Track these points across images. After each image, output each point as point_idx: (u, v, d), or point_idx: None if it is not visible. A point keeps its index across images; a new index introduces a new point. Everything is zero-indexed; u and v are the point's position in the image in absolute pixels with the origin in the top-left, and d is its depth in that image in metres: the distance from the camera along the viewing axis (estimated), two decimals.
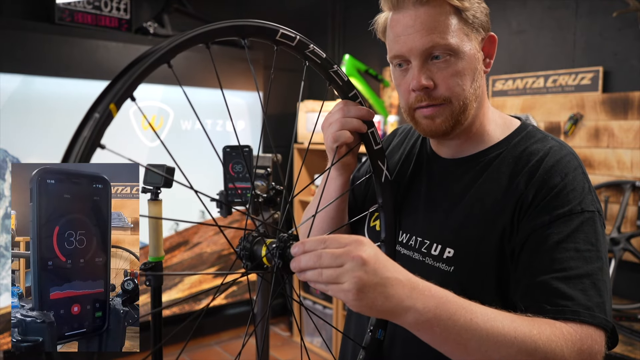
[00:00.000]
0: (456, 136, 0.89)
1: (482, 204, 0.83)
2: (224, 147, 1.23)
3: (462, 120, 0.85)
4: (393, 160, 1.02)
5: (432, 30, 0.79)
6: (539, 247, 0.76)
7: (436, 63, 0.81)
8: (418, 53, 0.81)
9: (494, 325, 0.66)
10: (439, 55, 0.80)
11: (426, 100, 0.82)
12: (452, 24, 0.80)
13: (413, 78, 0.82)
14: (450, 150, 0.92)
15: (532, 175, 0.80)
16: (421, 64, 0.81)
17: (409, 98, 0.85)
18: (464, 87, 0.82)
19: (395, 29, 0.83)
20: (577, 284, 0.73)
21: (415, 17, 0.80)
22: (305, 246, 0.65)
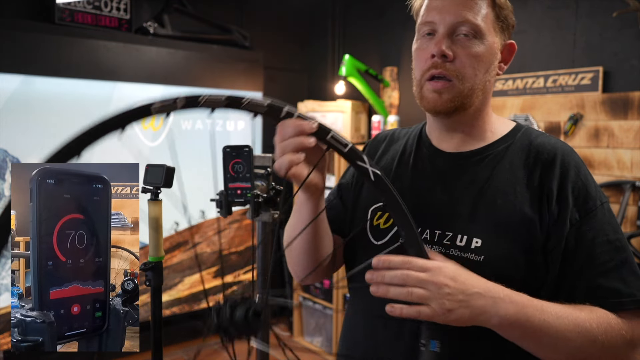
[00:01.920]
0: (460, 130, 0.92)
1: (505, 195, 0.86)
2: (224, 147, 1.23)
3: (466, 105, 0.88)
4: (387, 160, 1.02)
5: (467, 8, 0.85)
6: (576, 246, 0.82)
7: (460, 39, 0.85)
8: (448, 23, 0.85)
9: (562, 322, 0.75)
10: (465, 32, 0.85)
11: (441, 68, 0.85)
12: (486, 11, 0.86)
13: (436, 44, 0.86)
14: (453, 145, 0.94)
15: (549, 169, 0.85)
16: (447, 34, 0.85)
17: (424, 65, 0.88)
18: (477, 72, 0.87)
19: (435, 0, 0.88)
20: (616, 275, 0.80)
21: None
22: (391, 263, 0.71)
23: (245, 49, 3.49)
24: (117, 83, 2.94)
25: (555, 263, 0.82)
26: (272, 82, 3.78)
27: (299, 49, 4.02)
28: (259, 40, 3.64)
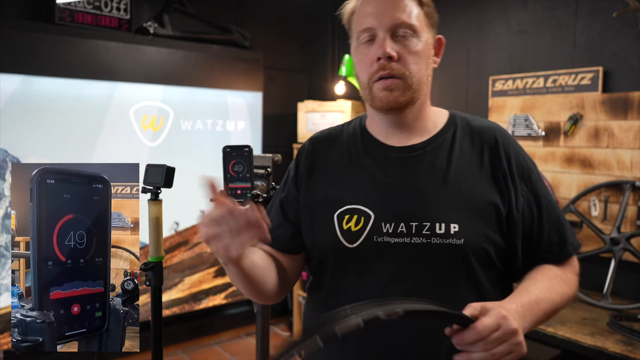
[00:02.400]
0: (407, 124, 0.98)
1: (466, 178, 0.94)
2: (224, 147, 1.23)
3: (414, 99, 0.95)
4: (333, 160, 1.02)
5: (400, 10, 0.92)
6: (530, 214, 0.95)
7: (400, 40, 0.92)
8: (386, 27, 0.91)
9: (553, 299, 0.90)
10: (404, 33, 0.92)
11: (388, 69, 0.91)
12: (417, 11, 0.94)
13: (380, 47, 0.91)
14: (403, 139, 0.99)
15: (495, 151, 0.96)
16: (388, 37, 0.91)
17: (371, 69, 0.93)
18: (420, 67, 0.93)
19: (367, 7, 0.94)
20: (562, 229, 0.98)
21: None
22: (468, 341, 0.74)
23: (245, 49, 3.49)
24: (117, 83, 2.94)
25: (518, 232, 0.94)
26: (272, 82, 3.78)
27: (299, 49, 4.02)
28: (259, 40, 3.64)
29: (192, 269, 3.35)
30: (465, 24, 2.91)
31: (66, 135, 2.79)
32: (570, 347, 1.84)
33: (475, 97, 2.87)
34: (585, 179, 2.37)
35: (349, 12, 0.99)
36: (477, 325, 0.73)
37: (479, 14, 2.85)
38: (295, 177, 1.06)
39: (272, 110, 3.80)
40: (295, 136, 3.59)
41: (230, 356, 3.43)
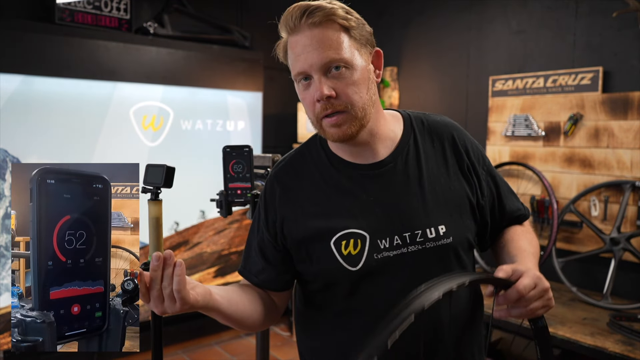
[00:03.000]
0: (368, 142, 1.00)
1: (437, 180, 1.00)
2: (224, 147, 1.23)
3: (364, 124, 0.95)
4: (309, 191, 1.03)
5: (327, 47, 0.90)
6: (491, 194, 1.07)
7: (335, 75, 0.92)
8: (318, 68, 0.91)
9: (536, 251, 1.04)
10: (337, 67, 0.91)
11: (330, 108, 0.92)
12: (344, 41, 0.92)
13: (316, 90, 0.92)
14: (369, 156, 1.01)
15: (454, 146, 1.04)
16: (322, 77, 0.92)
17: (314, 109, 0.94)
18: (360, 95, 0.93)
19: (295, 49, 0.94)
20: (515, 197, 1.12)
21: (311, 37, 0.91)
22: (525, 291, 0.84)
23: (245, 49, 3.49)
24: (117, 83, 2.94)
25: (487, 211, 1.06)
26: (272, 82, 3.78)
27: None
28: (259, 40, 3.64)
29: (192, 269, 3.35)
30: (465, 24, 2.91)
31: (66, 135, 2.79)
32: (570, 347, 1.84)
33: (475, 97, 2.87)
34: (585, 179, 2.37)
35: (283, 51, 0.99)
36: (518, 285, 0.82)
37: (479, 14, 2.85)
38: (267, 221, 1.05)
39: (272, 110, 3.79)
40: (295, 136, 3.59)
41: (230, 356, 3.43)
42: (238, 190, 1.23)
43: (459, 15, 2.94)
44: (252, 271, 1.10)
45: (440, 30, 3.06)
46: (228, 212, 1.25)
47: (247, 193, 1.22)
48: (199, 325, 3.55)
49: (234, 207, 1.26)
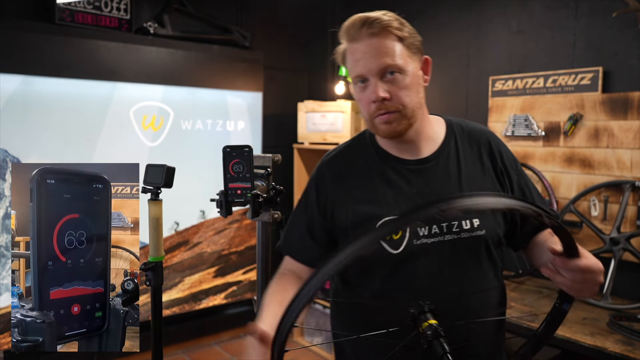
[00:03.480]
0: (413, 140, 1.11)
1: (474, 180, 1.11)
2: (224, 147, 1.22)
3: (412, 123, 1.08)
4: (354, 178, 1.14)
5: (384, 54, 1.03)
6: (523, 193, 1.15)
7: (389, 79, 1.04)
8: (375, 72, 1.03)
9: None
10: (391, 72, 1.03)
11: (384, 109, 1.04)
12: (398, 49, 1.04)
13: (373, 92, 1.04)
14: (414, 152, 1.13)
15: (490, 152, 1.15)
16: (378, 81, 1.03)
17: (369, 109, 1.06)
18: (411, 98, 1.05)
19: (355, 55, 1.06)
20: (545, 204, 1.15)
21: (370, 45, 1.04)
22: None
23: (245, 49, 3.50)
24: (117, 83, 2.94)
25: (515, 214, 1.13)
26: (272, 82, 3.78)
27: (299, 49, 4.02)
28: (259, 40, 3.64)
29: (192, 269, 3.35)
30: (465, 24, 2.91)
31: (66, 135, 2.79)
32: (570, 347, 1.84)
33: (475, 97, 2.87)
34: (585, 179, 2.37)
35: (341, 55, 1.11)
36: (581, 261, 0.89)
37: (479, 14, 2.85)
38: (318, 203, 1.16)
39: (272, 110, 3.79)
40: (295, 136, 3.59)
41: (230, 356, 3.43)
42: (238, 190, 1.23)
43: (459, 15, 2.94)
44: (296, 248, 1.19)
45: (440, 30, 3.06)
46: (228, 212, 1.25)
47: (247, 193, 1.22)
48: (199, 325, 3.55)
49: (234, 207, 1.26)
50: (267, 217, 1.37)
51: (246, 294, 3.62)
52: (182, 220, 3.30)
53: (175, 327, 3.39)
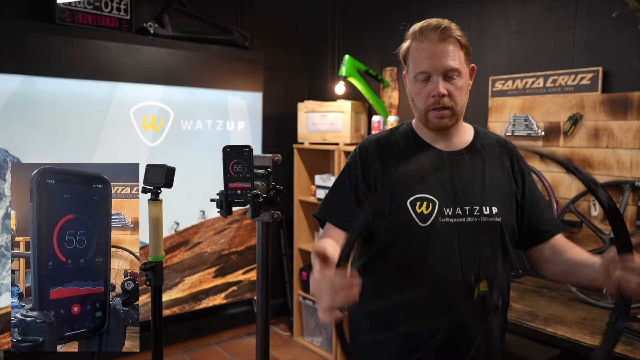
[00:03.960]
0: (450, 134, 1.28)
1: (495, 175, 1.27)
2: (224, 147, 1.23)
3: (458, 120, 1.26)
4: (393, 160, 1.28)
5: (450, 57, 1.18)
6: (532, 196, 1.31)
7: (449, 80, 1.19)
8: (440, 72, 1.18)
9: None
10: (452, 74, 1.19)
11: (440, 104, 1.20)
12: (461, 55, 1.21)
13: (435, 87, 1.18)
14: (448, 144, 1.28)
15: (510, 155, 1.31)
16: (440, 79, 1.19)
17: (427, 101, 1.21)
18: (462, 98, 1.23)
19: (424, 53, 1.19)
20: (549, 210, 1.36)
21: (439, 47, 1.19)
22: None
23: (245, 49, 3.50)
24: (117, 83, 2.94)
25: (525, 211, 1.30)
26: (272, 82, 3.78)
27: (299, 49, 4.02)
28: (259, 40, 3.64)
29: (192, 269, 3.35)
30: (465, 24, 2.91)
31: (66, 136, 2.79)
32: (570, 347, 1.84)
33: (475, 97, 2.87)
34: None
35: (405, 50, 1.25)
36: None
37: (478, 14, 2.85)
38: (364, 175, 1.28)
39: (272, 110, 3.80)
40: (295, 136, 3.59)
41: (230, 356, 3.43)
42: (238, 190, 1.23)
43: (459, 15, 2.94)
44: (335, 215, 1.28)
45: None
46: (228, 212, 1.25)
47: (247, 193, 1.23)
48: (199, 325, 3.55)
49: (234, 207, 1.26)
50: (267, 217, 1.37)
51: (246, 294, 3.62)
52: (182, 220, 3.30)
53: (175, 327, 3.40)
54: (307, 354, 3.51)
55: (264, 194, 1.28)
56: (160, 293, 1.40)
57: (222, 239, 3.49)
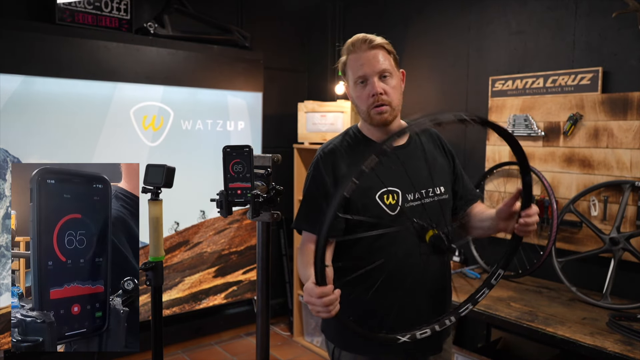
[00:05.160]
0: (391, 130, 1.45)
1: (435, 160, 1.50)
2: (224, 147, 1.23)
3: (396, 115, 1.45)
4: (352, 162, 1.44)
5: (381, 61, 1.40)
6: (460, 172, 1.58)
7: (383, 80, 1.40)
8: (375, 73, 1.39)
9: None
10: (385, 75, 1.40)
11: (379, 101, 1.39)
12: (390, 59, 1.42)
13: (374, 87, 1.39)
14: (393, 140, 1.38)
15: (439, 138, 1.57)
16: (377, 80, 1.39)
17: (368, 102, 1.41)
18: (397, 97, 1.43)
19: (358, 61, 1.41)
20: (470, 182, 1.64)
21: (370, 53, 1.40)
22: None
23: (245, 49, 3.50)
24: (117, 83, 2.94)
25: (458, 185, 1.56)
26: (272, 82, 3.78)
27: (299, 49, 4.02)
28: (259, 40, 3.64)
29: (192, 269, 3.35)
30: (465, 25, 2.92)
31: (66, 136, 2.79)
32: (570, 347, 1.84)
33: (475, 97, 2.87)
34: (584, 179, 2.37)
35: (343, 64, 1.46)
36: (533, 208, 1.36)
37: (478, 14, 2.85)
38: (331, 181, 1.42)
39: (272, 111, 3.80)
40: (295, 136, 3.59)
41: (230, 356, 3.43)
42: (238, 190, 1.23)
43: (459, 15, 2.94)
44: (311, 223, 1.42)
45: (440, 30, 3.06)
46: (228, 212, 1.25)
47: (247, 193, 1.23)
48: (199, 325, 3.55)
49: (234, 207, 1.26)
50: (267, 217, 1.37)
51: (246, 294, 3.62)
52: (182, 220, 3.31)
53: (175, 327, 3.40)
54: (307, 354, 3.51)
55: (264, 194, 1.28)
56: (160, 293, 1.40)
57: (222, 239, 3.49)
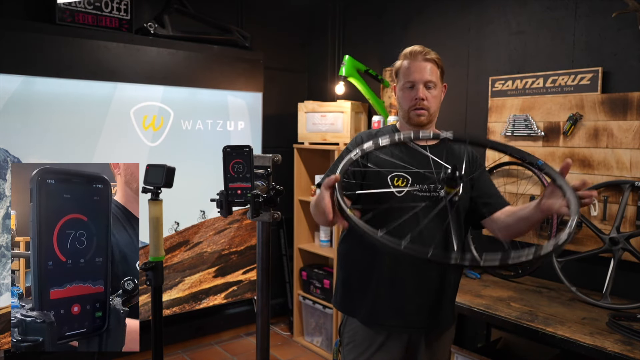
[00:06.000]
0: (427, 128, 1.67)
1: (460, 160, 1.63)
2: (224, 147, 1.23)
3: (432, 120, 1.69)
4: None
5: (430, 73, 1.64)
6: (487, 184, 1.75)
7: (428, 89, 1.64)
8: (423, 81, 1.63)
9: None
10: (430, 85, 1.64)
11: (420, 106, 1.63)
12: (437, 73, 1.66)
13: (419, 93, 1.62)
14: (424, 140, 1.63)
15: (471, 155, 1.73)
16: (422, 87, 1.63)
17: (411, 103, 1.64)
18: (436, 105, 1.67)
19: (412, 68, 1.64)
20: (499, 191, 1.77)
21: (423, 64, 1.64)
22: None
23: (245, 49, 3.50)
24: (117, 83, 2.94)
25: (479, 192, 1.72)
26: (272, 82, 3.79)
27: (299, 49, 4.03)
28: (259, 40, 3.64)
29: (192, 269, 3.35)
30: (465, 25, 2.92)
31: (67, 136, 2.79)
32: (570, 347, 1.85)
33: (475, 97, 2.87)
34: (584, 179, 2.37)
35: (397, 67, 1.69)
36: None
37: (478, 14, 2.85)
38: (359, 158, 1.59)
39: (272, 111, 3.80)
40: (295, 136, 3.59)
41: (230, 356, 3.43)
42: (238, 190, 1.23)
43: (459, 15, 2.94)
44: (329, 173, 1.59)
45: (440, 31, 3.06)
46: (228, 212, 1.26)
47: (247, 193, 1.23)
48: (199, 325, 3.56)
49: (234, 207, 1.26)
50: (267, 217, 1.37)
51: (246, 294, 3.62)
52: (182, 220, 3.31)
53: (175, 327, 3.40)
54: (307, 354, 3.51)
55: (264, 194, 1.28)
56: (160, 293, 1.40)
57: (222, 239, 3.49)
